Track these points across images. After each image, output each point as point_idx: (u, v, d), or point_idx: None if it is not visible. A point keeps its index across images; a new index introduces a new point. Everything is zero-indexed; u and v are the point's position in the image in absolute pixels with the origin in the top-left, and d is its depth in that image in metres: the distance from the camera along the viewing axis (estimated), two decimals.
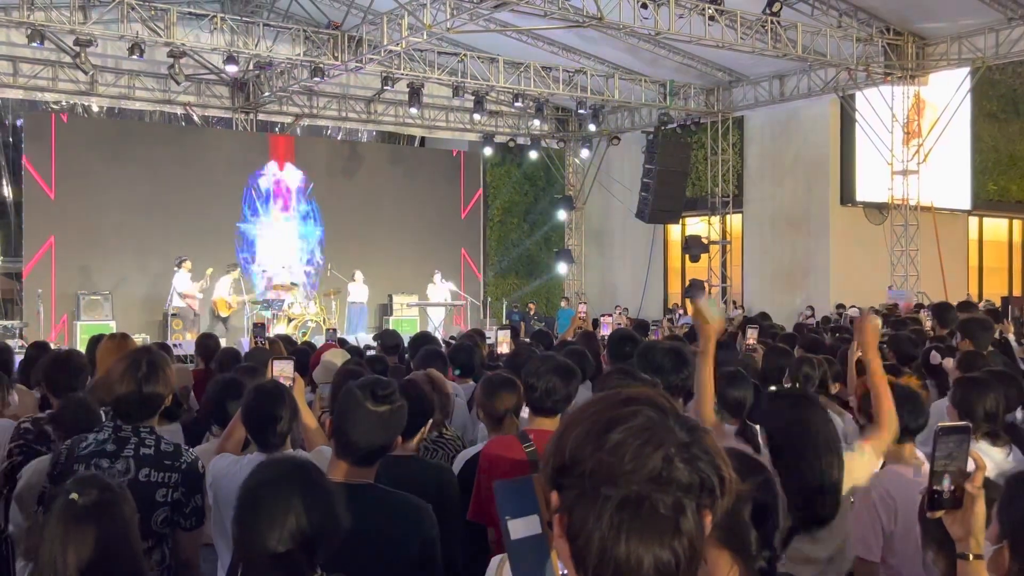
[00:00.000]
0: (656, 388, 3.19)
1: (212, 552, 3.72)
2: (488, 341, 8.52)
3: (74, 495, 2.37)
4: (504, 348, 7.79)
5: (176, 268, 17.44)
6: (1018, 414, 4.58)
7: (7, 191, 22.26)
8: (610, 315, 10.48)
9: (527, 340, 9.39)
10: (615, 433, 1.17)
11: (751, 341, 7.49)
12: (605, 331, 8.07)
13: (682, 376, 4.26)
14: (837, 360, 5.58)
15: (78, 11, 15.59)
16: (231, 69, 17.47)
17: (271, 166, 21.48)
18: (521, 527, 1.26)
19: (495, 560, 2.25)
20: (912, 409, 3.63)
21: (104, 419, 3.73)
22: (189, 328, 17.07)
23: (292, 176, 21.78)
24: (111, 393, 3.39)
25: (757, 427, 4.46)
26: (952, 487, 2.01)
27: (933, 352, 6.03)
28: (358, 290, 19.54)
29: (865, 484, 3.38)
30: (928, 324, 8.67)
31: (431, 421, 3.82)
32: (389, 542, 2.77)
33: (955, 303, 10.70)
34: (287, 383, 3.79)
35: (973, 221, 24.03)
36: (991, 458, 3.60)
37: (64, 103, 20.57)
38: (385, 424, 2.85)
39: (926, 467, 3.67)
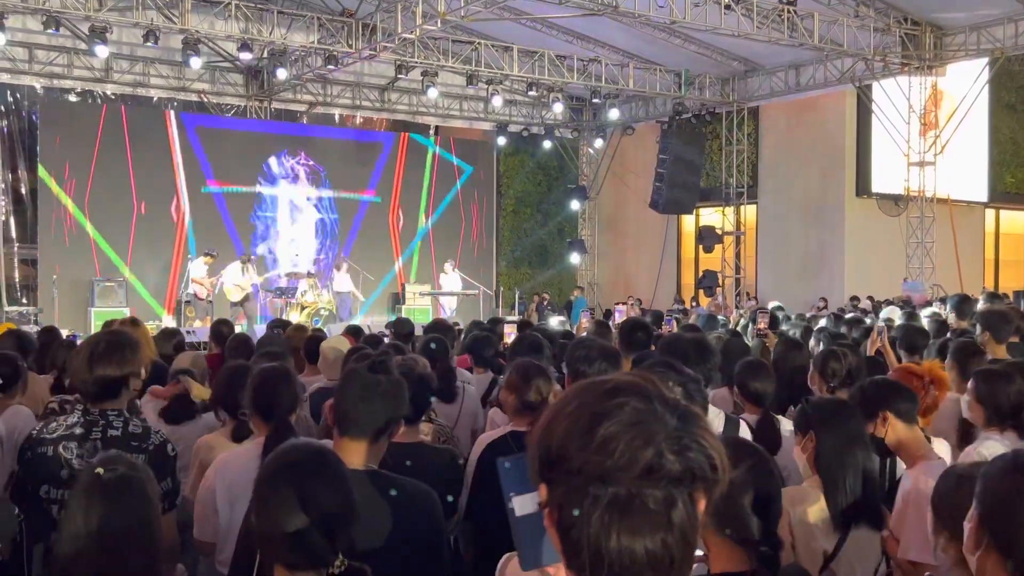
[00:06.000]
0: (696, 383, 3.18)
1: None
2: None
3: (100, 470, 2.40)
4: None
5: (195, 257, 17.59)
6: None
7: (23, 177, 22.33)
8: (625, 303, 10.54)
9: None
10: (602, 428, 1.14)
11: (762, 326, 7.61)
12: (619, 318, 8.13)
13: (707, 367, 4.26)
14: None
15: None
16: (245, 56, 17.47)
17: (284, 154, 21.48)
18: (525, 504, 1.25)
19: (504, 559, 2.23)
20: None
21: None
22: (201, 316, 17.16)
23: (305, 164, 21.78)
24: (70, 374, 3.36)
25: (780, 418, 4.46)
26: None
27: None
28: (342, 280, 19.51)
29: (912, 485, 3.32)
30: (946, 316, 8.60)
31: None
32: (398, 528, 2.75)
33: (979, 295, 10.63)
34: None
35: (990, 213, 23.88)
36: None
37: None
38: (383, 395, 2.81)
39: (943, 452, 3.64)
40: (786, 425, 4.45)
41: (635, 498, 1.12)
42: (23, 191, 22.26)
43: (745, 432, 4.07)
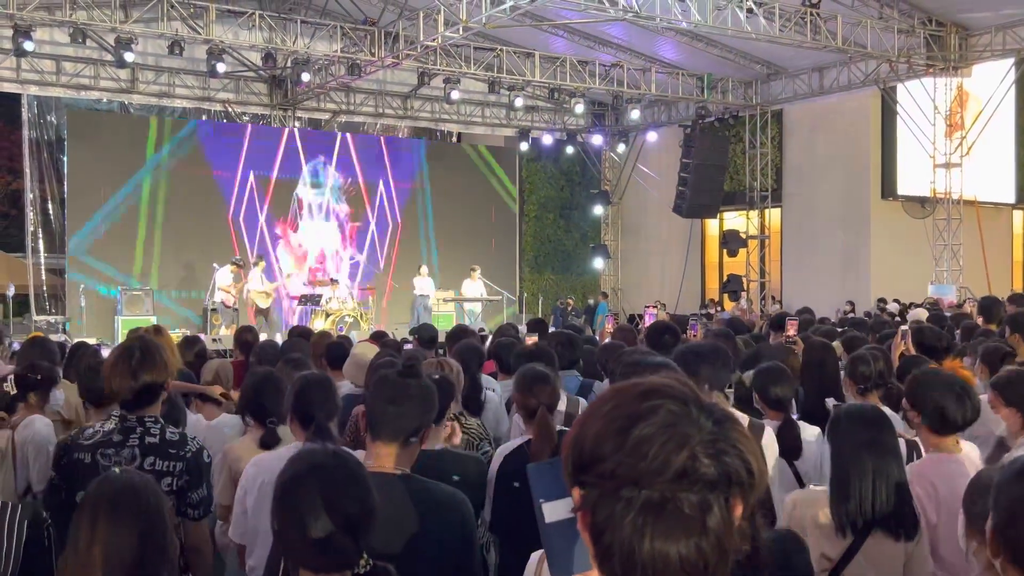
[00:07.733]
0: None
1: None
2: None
3: (110, 476, 2.42)
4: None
5: (220, 266, 17.69)
6: None
7: (50, 188, 22.59)
8: (653, 306, 10.44)
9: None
10: (636, 430, 1.13)
11: (791, 333, 7.43)
12: (649, 321, 8.06)
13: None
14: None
15: (119, 10, 15.79)
16: (269, 66, 17.60)
17: (310, 162, 21.58)
18: (556, 510, 1.24)
19: (535, 555, 2.22)
20: (957, 400, 3.50)
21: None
22: (228, 324, 17.27)
23: (330, 173, 21.87)
24: (108, 384, 3.40)
25: (800, 423, 4.42)
26: None
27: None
28: (422, 283, 19.64)
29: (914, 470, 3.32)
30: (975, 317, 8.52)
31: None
32: (429, 533, 2.76)
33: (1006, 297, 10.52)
34: None
35: (1017, 215, 23.64)
36: None
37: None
38: (413, 399, 2.85)
39: (972, 456, 3.60)
40: (808, 431, 4.41)
41: (669, 502, 1.11)
42: (50, 202, 22.53)
43: (771, 438, 4.02)
